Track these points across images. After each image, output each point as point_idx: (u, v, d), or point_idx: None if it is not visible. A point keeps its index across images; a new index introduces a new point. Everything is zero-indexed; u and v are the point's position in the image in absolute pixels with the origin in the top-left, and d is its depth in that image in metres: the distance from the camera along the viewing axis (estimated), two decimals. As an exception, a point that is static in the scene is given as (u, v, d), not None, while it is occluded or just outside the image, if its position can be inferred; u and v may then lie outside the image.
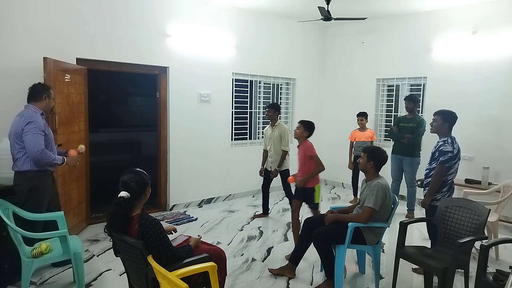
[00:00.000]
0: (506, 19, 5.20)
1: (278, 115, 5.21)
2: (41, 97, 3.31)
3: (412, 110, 5.38)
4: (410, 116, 5.42)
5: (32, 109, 3.25)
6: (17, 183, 3.26)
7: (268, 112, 5.12)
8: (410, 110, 5.40)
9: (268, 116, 5.14)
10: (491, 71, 5.34)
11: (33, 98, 3.31)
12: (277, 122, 5.13)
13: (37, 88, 3.33)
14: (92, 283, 3.34)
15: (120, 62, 4.89)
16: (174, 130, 5.48)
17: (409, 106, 5.37)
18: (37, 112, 3.25)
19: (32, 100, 3.31)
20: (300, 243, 3.51)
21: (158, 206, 5.59)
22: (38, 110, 3.28)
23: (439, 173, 3.45)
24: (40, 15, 4.18)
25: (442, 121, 3.54)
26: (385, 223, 3.22)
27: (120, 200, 2.26)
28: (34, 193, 3.22)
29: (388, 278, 3.43)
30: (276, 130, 5.07)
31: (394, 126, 5.50)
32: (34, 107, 3.28)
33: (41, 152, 3.12)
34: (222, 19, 5.84)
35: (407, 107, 5.41)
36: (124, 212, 2.28)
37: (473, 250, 3.52)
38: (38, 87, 3.35)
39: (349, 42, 7.12)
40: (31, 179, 3.21)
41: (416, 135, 5.25)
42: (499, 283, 2.43)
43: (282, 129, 5.06)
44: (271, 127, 5.16)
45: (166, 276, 2.10)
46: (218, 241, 4.34)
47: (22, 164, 3.20)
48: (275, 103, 5.43)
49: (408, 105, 5.38)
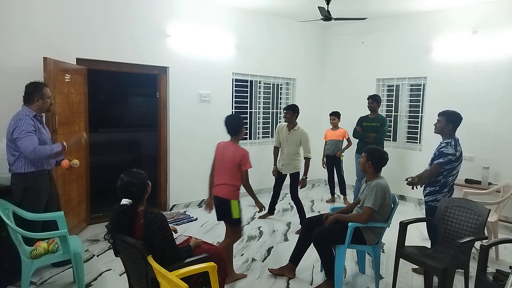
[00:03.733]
0: (506, 19, 5.20)
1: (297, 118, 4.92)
2: (33, 99, 3.20)
3: (375, 109, 5.48)
4: (372, 115, 5.52)
5: (23, 111, 3.18)
6: (13, 182, 3.25)
7: (286, 114, 4.85)
8: (373, 109, 5.50)
9: (286, 118, 4.88)
10: (491, 71, 5.34)
11: (26, 100, 3.23)
12: (296, 126, 4.85)
13: (29, 90, 3.22)
14: (92, 283, 3.34)
15: (120, 62, 4.89)
16: (174, 130, 5.48)
17: (373, 105, 5.47)
18: (28, 115, 3.16)
19: (25, 102, 3.24)
20: (300, 243, 3.50)
21: (158, 206, 5.59)
22: (30, 112, 3.19)
23: (433, 172, 3.44)
24: (40, 15, 4.18)
25: (445, 122, 3.51)
26: (385, 223, 3.22)
27: (124, 208, 2.26)
28: (29, 192, 3.20)
29: (388, 278, 3.43)
30: (295, 134, 4.81)
31: (358, 126, 5.56)
32: (27, 109, 3.21)
33: (35, 151, 3.05)
34: (222, 19, 5.84)
35: (371, 107, 5.49)
36: (129, 217, 2.28)
37: (473, 250, 3.52)
38: (30, 89, 3.22)
39: (349, 42, 7.12)
40: (25, 179, 3.18)
41: (381, 133, 5.33)
42: (499, 283, 2.43)
43: (302, 135, 4.79)
44: (287, 128, 4.89)
45: (166, 276, 2.10)
46: (218, 241, 4.33)
47: (16, 167, 3.18)
48: (294, 105, 5.03)
49: (372, 105, 5.47)
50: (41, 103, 3.25)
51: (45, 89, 3.29)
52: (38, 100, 3.23)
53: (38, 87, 3.25)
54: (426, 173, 3.50)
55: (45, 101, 3.28)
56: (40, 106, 3.25)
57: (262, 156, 6.15)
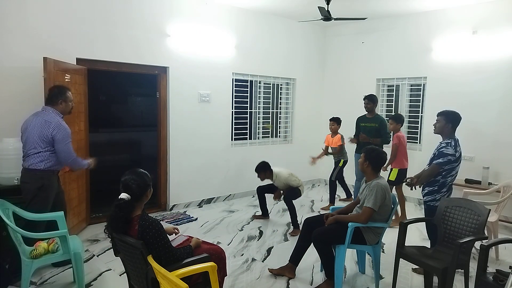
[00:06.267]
0: (506, 19, 5.20)
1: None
2: (57, 102, 3.37)
3: (372, 109, 5.40)
4: (370, 115, 5.44)
5: (54, 114, 3.32)
6: (26, 180, 3.27)
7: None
8: (369, 110, 5.41)
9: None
10: (491, 71, 5.34)
11: (50, 102, 3.37)
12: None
13: (54, 92, 3.40)
14: (92, 283, 3.34)
15: (120, 62, 4.89)
16: (174, 130, 5.48)
17: (369, 106, 5.39)
18: (59, 116, 3.34)
19: (49, 103, 3.37)
20: (300, 243, 3.50)
21: (158, 206, 5.59)
22: (59, 113, 3.36)
23: (433, 172, 3.44)
24: (40, 16, 4.17)
25: (444, 122, 3.50)
26: (385, 223, 3.22)
27: (120, 202, 2.26)
28: (43, 191, 3.25)
29: (388, 278, 3.43)
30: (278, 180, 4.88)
31: (362, 134, 5.36)
32: (54, 110, 3.34)
33: (74, 160, 3.37)
34: (222, 19, 5.84)
35: (367, 107, 5.41)
36: (125, 214, 2.27)
37: (473, 250, 3.52)
38: (55, 91, 3.40)
39: (349, 42, 7.12)
40: (40, 178, 3.24)
41: (385, 137, 5.24)
42: (499, 283, 2.43)
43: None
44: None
45: (166, 276, 2.10)
46: (218, 241, 4.33)
47: (38, 162, 3.23)
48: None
49: (368, 105, 5.39)
50: (64, 106, 3.42)
51: (68, 93, 3.47)
52: (62, 102, 3.40)
53: (62, 90, 3.45)
54: (425, 173, 3.50)
55: (67, 104, 3.45)
56: (63, 108, 3.43)
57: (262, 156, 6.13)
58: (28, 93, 3.99)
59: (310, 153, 6.22)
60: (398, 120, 5.08)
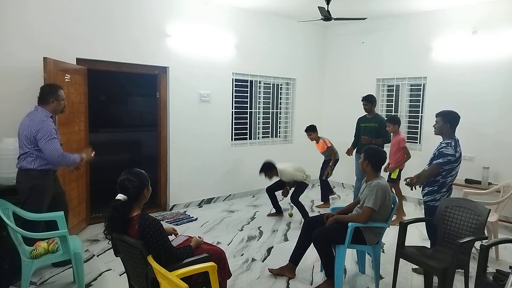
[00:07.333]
0: (506, 19, 5.20)
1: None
2: (48, 101, 3.31)
3: (371, 110, 5.43)
4: (369, 116, 5.47)
5: (41, 113, 3.26)
6: (19, 180, 3.27)
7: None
8: (368, 110, 5.44)
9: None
10: (491, 71, 5.34)
11: (41, 101, 3.32)
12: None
13: (45, 91, 3.34)
14: (92, 283, 3.34)
15: (120, 62, 4.89)
16: (174, 130, 5.48)
17: (367, 107, 5.42)
18: (47, 116, 3.27)
19: (40, 102, 3.33)
20: (300, 243, 3.50)
21: (158, 206, 5.59)
22: (47, 113, 3.30)
23: (432, 172, 3.44)
24: (40, 16, 4.17)
25: (443, 122, 3.50)
26: (385, 223, 3.22)
27: (117, 203, 2.25)
28: (35, 191, 3.23)
29: (388, 278, 3.43)
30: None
31: (363, 136, 5.36)
32: (43, 110, 3.29)
33: (62, 156, 3.23)
34: (222, 19, 5.84)
35: (365, 108, 5.44)
36: (121, 215, 2.26)
37: (473, 250, 3.52)
38: (46, 90, 3.34)
39: (349, 42, 7.12)
40: (32, 177, 3.22)
41: (386, 137, 5.26)
42: (499, 283, 2.43)
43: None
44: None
45: (166, 276, 2.10)
46: (218, 241, 4.34)
47: (28, 162, 3.21)
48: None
49: (366, 106, 5.42)
50: (55, 105, 3.35)
51: (60, 91, 3.40)
52: (53, 101, 3.33)
53: (53, 88, 3.37)
54: (425, 173, 3.50)
55: (59, 102, 3.38)
56: (54, 107, 3.35)
57: (262, 156, 6.13)
58: (28, 93, 3.97)
59: (310, 153, 6.28)
60: (395, 122, 5.11)
